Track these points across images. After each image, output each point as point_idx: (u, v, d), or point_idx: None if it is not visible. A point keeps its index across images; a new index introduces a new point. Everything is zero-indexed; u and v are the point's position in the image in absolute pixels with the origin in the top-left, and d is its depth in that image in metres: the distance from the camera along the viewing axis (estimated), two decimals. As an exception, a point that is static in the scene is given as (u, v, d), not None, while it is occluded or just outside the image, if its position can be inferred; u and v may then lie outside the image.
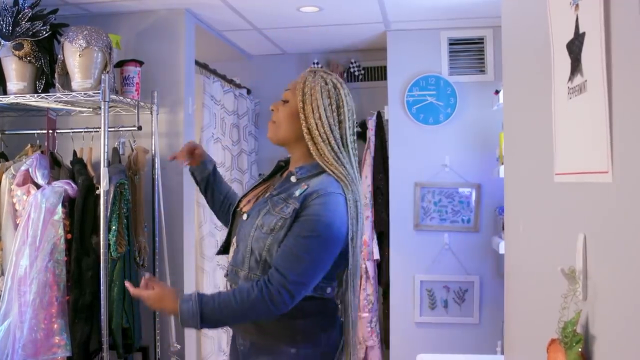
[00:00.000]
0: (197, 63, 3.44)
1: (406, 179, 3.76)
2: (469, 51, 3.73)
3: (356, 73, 4.31)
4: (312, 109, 1.81)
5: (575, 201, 0.92)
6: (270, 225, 1.75)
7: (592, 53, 0.83)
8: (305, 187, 1.77)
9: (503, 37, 1.38)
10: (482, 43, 3.70)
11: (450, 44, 3.73)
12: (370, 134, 3.92)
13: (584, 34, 0.86)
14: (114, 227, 2.64)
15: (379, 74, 4.32)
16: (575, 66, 0.90)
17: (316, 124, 1.80)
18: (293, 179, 1.84)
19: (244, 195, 1.99)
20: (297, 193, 1.77)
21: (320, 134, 1.80)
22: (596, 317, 0.83)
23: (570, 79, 0.92)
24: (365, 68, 4.34)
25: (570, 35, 0.92)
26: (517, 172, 1.29)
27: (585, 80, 0.86)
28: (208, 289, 3.52)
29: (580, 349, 0.83)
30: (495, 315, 3.62)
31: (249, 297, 1.67)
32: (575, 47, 0.90)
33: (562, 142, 0.98)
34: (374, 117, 3.93)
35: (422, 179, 3.74)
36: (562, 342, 0.87)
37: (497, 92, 3.39)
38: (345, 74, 4.30)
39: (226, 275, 1.90)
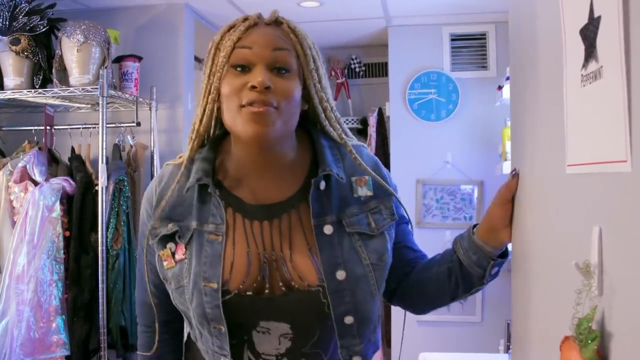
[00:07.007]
0: (196, 59, 3.41)
1: (408, 176, 3.73)
2: (471, 47, 3.69)
3: (357, 69, 4.27)
4: (317, 74, 1.19)
5: (589, 192, 0.89)
6: (378, 253, 1.19)
7: (609, 37, 0.80)
8: (365, 180, 1.21)
9: (510, 25, 1.35)
10: (485, 39, 3.67)
11: (452, 40, 3.70)
12: (372, 130, 3.89)
13: (599, 17, 0.83)
14: (111, 224, 2.62)
15: (380, 70, 4.28)
16: (590, 52, 0.86)
17: (319, 91, 1.20)
18: (322, 185, 1.17)
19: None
20: (364, 192, 1.20)
21: (324, 103, 1.21)
22: (613, 313, 0.79)
23: (584, 65, 0.89)
24: (366, 64, 4.31)
25: (584, 21, 0.88)
26: (524, 164, 1.26)
27: (601, 67, 0.83)
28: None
29: (596, 347, 0.80)
30: (498, 313, 3.59)
31: None
32: (589, 32, 0.86)
33: (575, 132, 0.95)
34: (375, 114, 3.90)
35: (424, 176, 3.71)
36: (577, 340, 0.83)
37: (500, 87, 3.35)
38: (346, 70, 4.26)
39: None
